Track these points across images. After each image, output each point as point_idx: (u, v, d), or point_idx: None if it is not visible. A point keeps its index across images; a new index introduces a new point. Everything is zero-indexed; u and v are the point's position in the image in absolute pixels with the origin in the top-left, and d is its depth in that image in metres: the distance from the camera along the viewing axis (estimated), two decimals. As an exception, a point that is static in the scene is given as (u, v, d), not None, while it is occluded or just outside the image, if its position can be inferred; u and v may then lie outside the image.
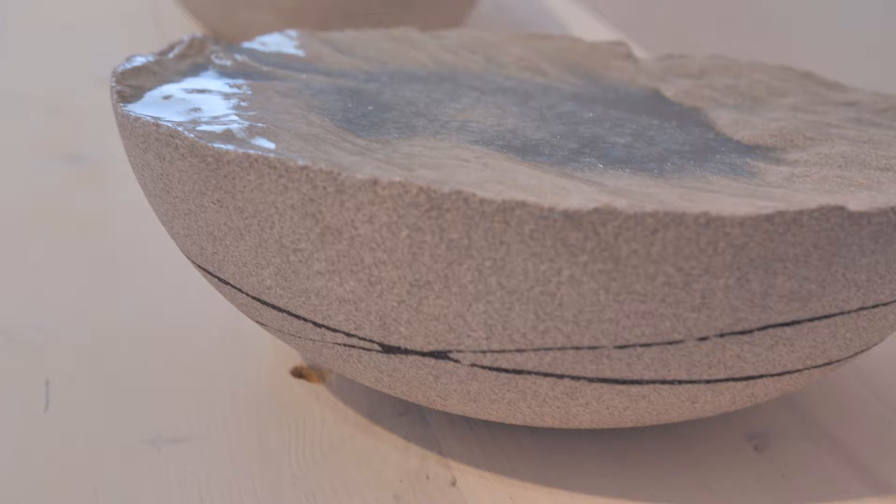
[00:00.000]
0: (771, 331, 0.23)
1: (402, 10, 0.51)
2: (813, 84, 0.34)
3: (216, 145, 0.24)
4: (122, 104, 0.27)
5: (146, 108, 0.27)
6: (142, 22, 0.62)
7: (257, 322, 0.28)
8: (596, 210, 0.21)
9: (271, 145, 0.25)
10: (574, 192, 0.23)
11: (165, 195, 0.26)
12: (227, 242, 0.25)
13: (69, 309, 0.35)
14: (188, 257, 0.28)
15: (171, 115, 0.27)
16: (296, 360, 0.33)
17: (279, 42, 0.36)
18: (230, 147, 0.24)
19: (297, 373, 0.32)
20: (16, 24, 0.62)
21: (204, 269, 0.27)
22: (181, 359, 0.33)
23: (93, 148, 0.47)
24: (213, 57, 0.33)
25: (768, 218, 0.21)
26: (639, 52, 0.59)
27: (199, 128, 0.26)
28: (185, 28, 0.62)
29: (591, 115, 0.31)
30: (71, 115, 0.50)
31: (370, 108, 0.30)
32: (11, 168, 0.45)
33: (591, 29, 0.63)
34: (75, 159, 0.46)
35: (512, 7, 0.66)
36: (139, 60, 0.31)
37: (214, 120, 0.26)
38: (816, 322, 0.23)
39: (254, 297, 0.26)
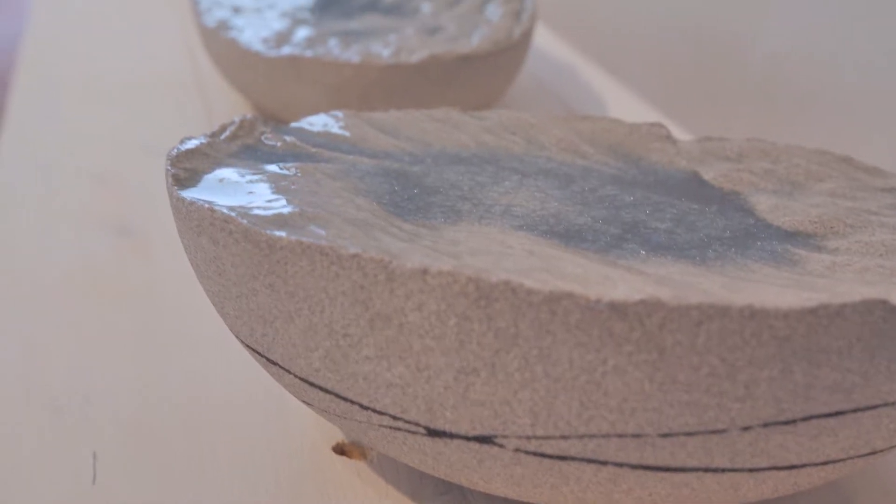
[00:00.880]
0: (814, 421, 0.23)
1: (442, 86, 0.52)
2: (851, 169, 0.34)
3: (269, 232, 0.25)
4: (176, 188, 0.28)
5: (200, 191, 0.28)
6: (187, 93, 0.64)
7: (303, 402, 0.28)
8: (641, 302, 0.22)
9: (323, 231, 0.25)
10: (619, 282, 0.24)
11: (217, 277, 0.27)
12: (278, 325, 0.26)
13: (116, 381, 0.36)
14: (237, 337, 0.28)
15: (224, 199, 0.27)
16: (338, 436, 0.33)
17: (325, 122, 0.37)
18: (283, 233, 0.24)
19: (339, 449, 0.33)
20: (65, 96, 0.63)
21: (253, 350, 0.28)
22: (225, 432, 0.33)
23: (140, 220, 0.48)
24: (262, 138, 0.34)
25: (812, 311, 0.22)
26: (673, 127, 0.60)
27: (252, 212, 0.26)
28: (228, 98, 0.63)
29: (631, 198, 0.31)
30: (119, 186, 0.51)
31: (416, 191, 0.31)
32: (60, 238, 0.46)
33: (627, 101, 0.64)
34: (123, 231, 0.47)
35: (549, 82, 0.67)
36: (192, 143, 0.32)
37: (267, 204, 0.27)
38: (860, 413, 0.24)
39: (301, 379, 0.26)
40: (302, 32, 0.56)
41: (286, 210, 0.27)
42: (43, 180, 0.52)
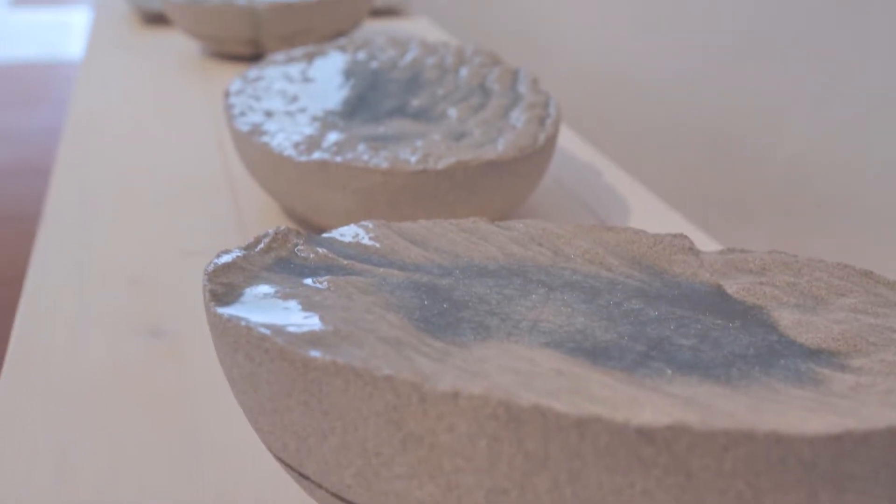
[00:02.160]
0: (842, 545, 0.24)
1: (468, 192, 0.53)
2: (872, 283, 0.35)
3: (304, 351, 0.25)
4: (213, 304, 0.29)
5: (237, 308, 0.29)
6: (219, 194, 0.66)
7: (334, 515, 0.28)
8: (669, 427, 0.22)
9: (356, 350, 0.26)
10: (646, 405, 0.24)
11: (252, 392, 0.28)
12: (311, 442, 0.26)
13: (149, 488, 0.36)
14: (270, 451, 0.29)
15: (260, 316, 0.28)
16: (365, 546, 0.33)
17: (356, 233, 0.38)
18: (318, 353, 0.25)
19: (367, 560, 0.33)
20: (100, 196, 0.65)
21: (285, 464, 0.28)
22: (254, 542, 0.34)
23: (173, 321, 0.49)
24: (296, 250, 0.35)
25: (837, 437, 0.22)
26: (693, 229, 0.61)
27: (287, 330, 0.27)
28: (259, 200, 0.65)
29: (656, 313, 0.32)
30: (151, 287, 0.52)
31: (445, 305, 0.31)
32: (93, 340, 0.47)
33: (648, 204, 0.65)
34: (156, 332, 0.48)
35: (572, 184, 0.68)
36: (228, 257, 0.33)
37: (301, 321, 0.28)
38: (887, 538, 0.24)
39: (333, 494, 0.27)
40: (332, 137, 0.57)
41: (320, 328, 0.27)
42: (77, 281, 0.53)
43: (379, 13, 1.24)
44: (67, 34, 2.97)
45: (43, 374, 0.44)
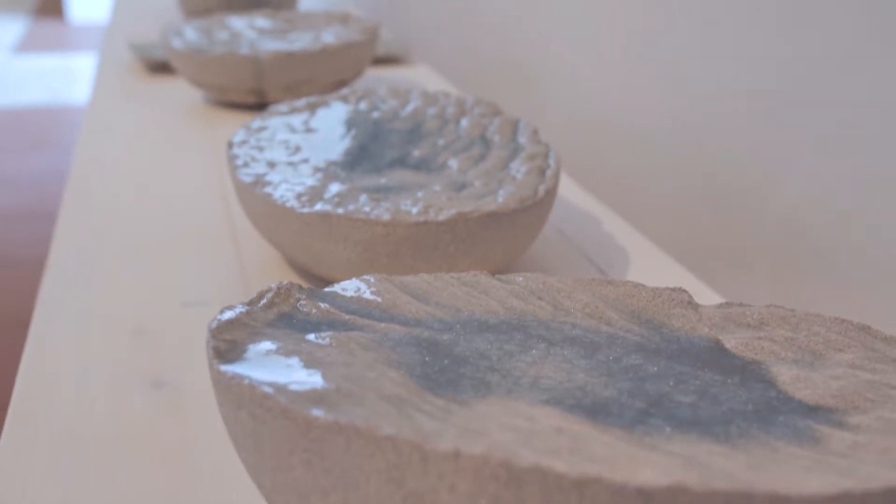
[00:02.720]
0: None
1: (468, 243, 0.54)
2: (870, 339, 0.35)
3: (307, 410, 0.26)
4: (217, 361, 0.29)
5: (240, 366, 0.29)
6: (222, 245, 0.66)
7: (335, 573, 0.29)
8: (668, 487, 0.22)
9: (358, 409, 0.26)
10: (646, 464, 0.24)
11: (255, 450, 0.28)
12: (313, 500, 0.26)
13: (148, 542, 0.36)
14: (272, 508, 0.29)
15: (263, 374, 0.29)
16: None
17: (358, 287, 0.38)
18: (320, 413, 0.25)
19: None
20: (103, 247, 0.66)
21: (287, 521, 0.28)
22: None
23: (174, 373, 0.49)
24: (298, 305, 0.35)
25: (835, 498, 0.22)
26: (691, 278, 0.61)
27: (290, 388, 0.27)
28: (261, 250, 0.65)
29: (655, 369, 0.32)
30: (154, 338, 0.53)
31: (446, 361, 0.32)
32: (95, 390, 0.47)
33: (647, 253, 0.66)
34: (157, 383, 0.48)
35: (572, 233, 0.69)
36: (231, 313, 0.33)
37: (304, 379, 0.28)
38: None
39: (335, 552, 0.27)
40: (334, 188, 0.58)
41: (322, 386, 0.28)
42: (80, 330, 0.53)
43: (381, 61, 1.25)
44: (72, 80, 3.00)
45: (45, 423, 0.44)
